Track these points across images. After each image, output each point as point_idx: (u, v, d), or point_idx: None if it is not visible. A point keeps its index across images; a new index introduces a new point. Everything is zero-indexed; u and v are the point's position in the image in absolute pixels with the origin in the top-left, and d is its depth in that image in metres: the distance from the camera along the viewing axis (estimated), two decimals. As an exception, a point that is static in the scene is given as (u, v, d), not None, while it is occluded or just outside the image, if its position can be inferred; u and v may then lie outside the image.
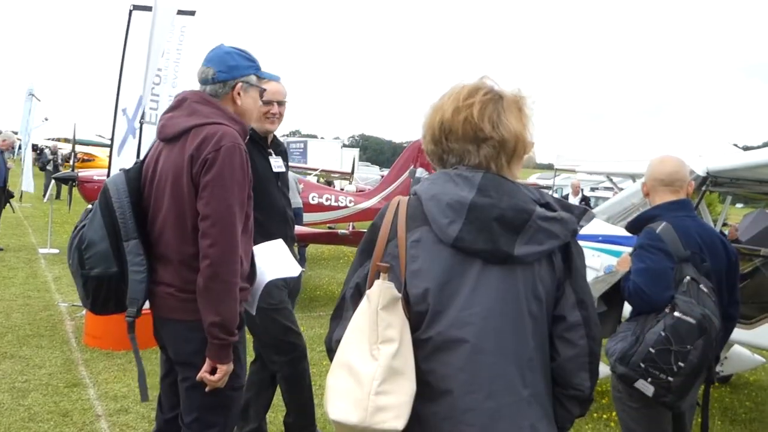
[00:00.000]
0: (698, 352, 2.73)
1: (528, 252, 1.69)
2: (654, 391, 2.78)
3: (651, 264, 2.90)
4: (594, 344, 1.79)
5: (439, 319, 1.68)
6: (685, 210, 3.09)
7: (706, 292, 2.85)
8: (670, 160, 3.21)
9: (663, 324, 2.78)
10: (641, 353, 2.79)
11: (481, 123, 1.72)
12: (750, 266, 6.17)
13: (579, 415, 1.86)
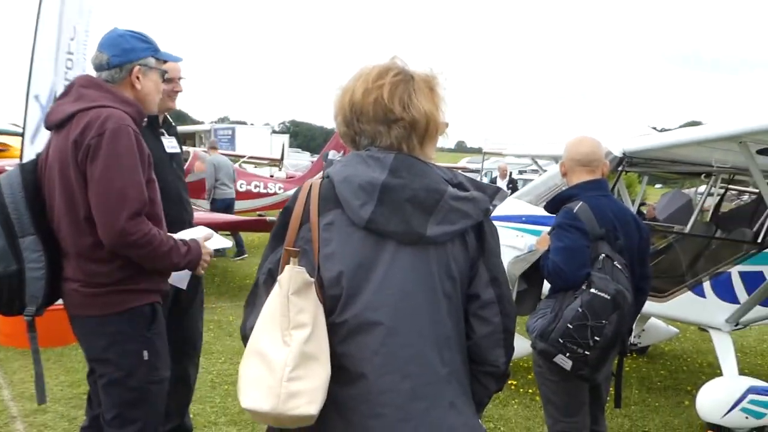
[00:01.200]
0: (612, 326, 2.84)
1: (440, 232, 1.69)
2: (572, 365, 2.87)
3: (568, 243, 2.99)
4: (508, 321, 1.82)
5: (353, 302, 1.67)
6: (600, 189, 3.19)
7: (620, 269, 2.96)
8: (586, 140, 3.30)
9: (580, 300, 2.88)
10: (560, 329, 2.88)
11: (392, 104, 1.71)
12: (665, 243, 6.43)
13: (496, 390, 1.89)
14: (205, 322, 6.70)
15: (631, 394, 5.67)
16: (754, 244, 5.39)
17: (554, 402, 3.20)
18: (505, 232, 5.17)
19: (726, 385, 4.89)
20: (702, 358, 7.06)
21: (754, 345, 7.96)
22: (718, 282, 5.37)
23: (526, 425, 4.72)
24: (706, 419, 4.84)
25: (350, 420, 1.65)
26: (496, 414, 4.92)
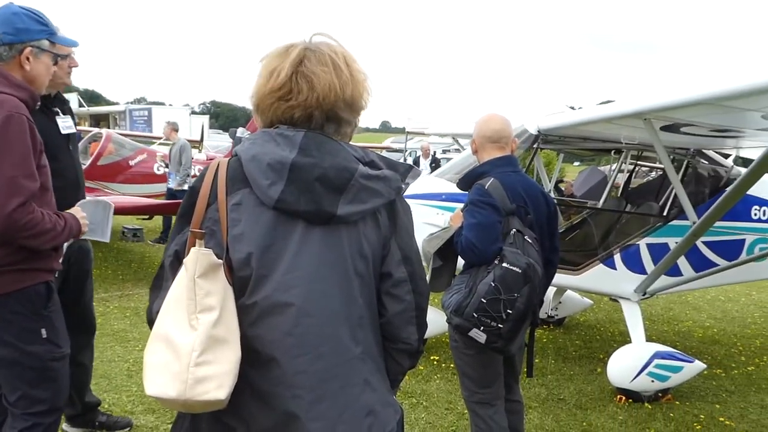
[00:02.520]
0: (524, 299, 2.92)
1: (352, 211, 1.67)
2: (486, 338, 2.94)
3: (481, 219, 3.04)
4: (420, 299, 1.83)
5: (263, 283, 1.63)
6: (510, 166, 3.25)
7: (530, 243, 3.04)
8: (496, 118, 3.36)
9: (493, 275, 2.94)
10: (474, 304, 2.94)
11: (300, 82, 1.68)
12: (579, 217, 6.67)
13: (409, 367, 1.91)
14: (122, 309, 6.56)
15: (548, 364, 5.89)
16: (661, 217, 5.65)
17: (470, 375, 3.27)
18: (425, 210, 5.23)
19: (634, 351, 5.15)
20: (614, 327, 7.39)
21: (662, 313, 8.41)
22: (627, 254, 5.63)
23: (448, 399, 4.82)
24: (616, 384, 5.10)
25: (267, 402, 1.63)
26: (418, 389, 5.01)
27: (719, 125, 4.40)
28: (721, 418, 4.88)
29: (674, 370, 5.10)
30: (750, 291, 10.27)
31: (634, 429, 4.57)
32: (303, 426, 1.61)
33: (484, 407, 3.28)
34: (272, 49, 1.75)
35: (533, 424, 4.51)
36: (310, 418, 1.62)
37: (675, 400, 5.15)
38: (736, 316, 8.63)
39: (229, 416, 1.64)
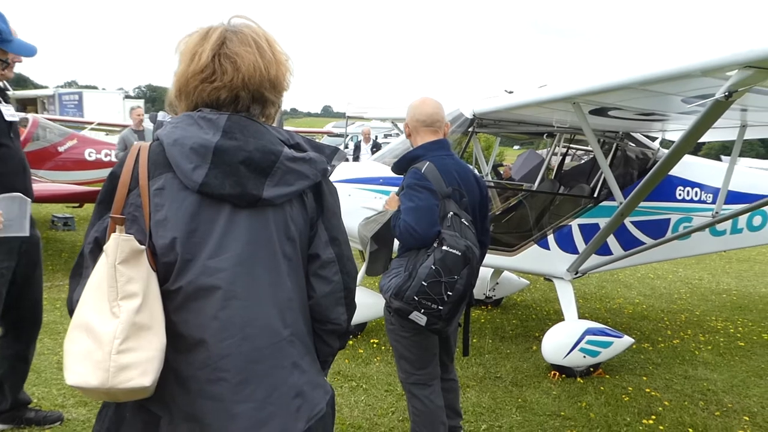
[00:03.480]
0: (464, 281, 2.97)
1: (277, 194, 1.67)
2: (426, 320, 2.98)
3: (419, 202, 3.07)
4: (348, 279, 1.85)
5: (188, 268, 1.61)
6: (444, 149, 3.28)
7: (467, 225, 3.09)
8: (429, 102, 3.38)
9: (433, 258, 2.97)
10: (415, 287, 2.96)
11: (224, 63, 1.66)
12: (515, 200, 6.80)
13: (339, 347, 1.92)
14: (52, 301, 6.34)
15: (485, 343, 6.01)
16: (591, 198, 5.82)
17: (406, 356, 3.31)
18: (363, 194, 5.25)
19: (566, 329, 5.32)
20: (549, 306, 7.60)
21: (594, 291, 8.70)
22: (560, 235, 5.79)
23: (388, 381, 4.87)
24: (550, 361, 5.25)
25: (190, 388, 1.62)
26: (358, 372, 5.04)
27: (644, 109, 4.55)
28: (648, 389, 5.10)
29: (604, 346, 5.29)
30: (677, 268, 10.72)
31: (566, 403, 4.72)
32: (229, 409, 1.61)
33: (421, 388, 3.33)
34: (188, 35, 1.73)
35: (470, 403, 4.60)
36: (236, 401, 1.61)
37: (605, 374, 5.35)
38: (663, 292, 9.00)
39: (153, 403, 1.62)
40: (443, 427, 3.35)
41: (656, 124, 5.80)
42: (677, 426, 4.44)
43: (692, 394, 5.08)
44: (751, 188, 6.21)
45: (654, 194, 5.84)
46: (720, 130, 5.64)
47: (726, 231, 6.52)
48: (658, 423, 4.46)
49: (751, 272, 11.04)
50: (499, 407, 4.58)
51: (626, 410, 4.65)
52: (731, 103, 3.20)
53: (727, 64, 2.94)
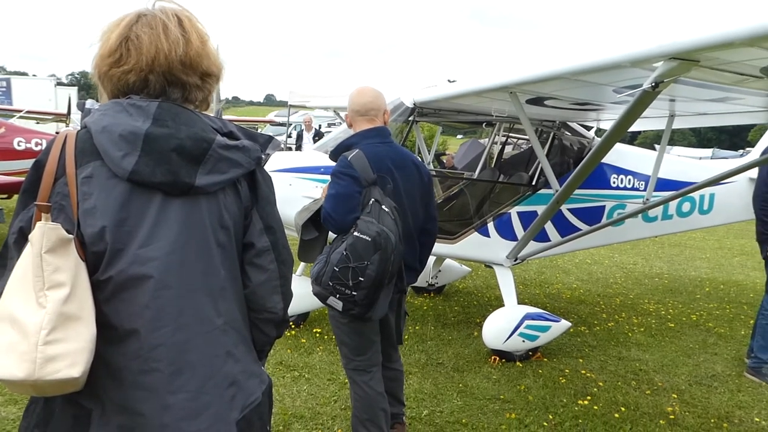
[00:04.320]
0: (375, 266, 2.99)
1: (210, 182, 1.65)
2: (342, 305, 3.02)
3: (339, 189, 3.09)
4: (284, 267, 1.85)
5: (119, 257, 1.58)
6: (379, 137, 3.30)
7: (387, 212, 3.10)
8: (366, 91, 3.39)
9: (345, 244, 3.00)
10: (329, 272, 3.00)
11: (129, 47, 1.63)
12: (457, 188, 6.88)
13: (276, 336, 1.92)
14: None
15: (428, 330, 6.09)
16: (530, 186, 5.95)
17: (346, 342, 3.34)
18: (305, 183, 5.22)
19: (506, 314, 5.44)
20: (491, 292, 7.75)
21: (534, 277, 8.92)
22: (500, 222, 5.90)
23: (331, 370, 4.88)
24: (490, 346, 5.36)
25: (122, 379, 1.59)
26: (301, 362, 5.04)
27: (578, 98, 4.67)
28: (583, 371, 5.27)
29: (543, 330, 5.43)
30: (613, 254, 11.08)
31: (506, 387, 4.84)
32: (162, 400, 1.59)
33: (361, 374, 3.35)
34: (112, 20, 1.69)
35: (413, 389, 4.66)
36: (170, 391, 1.59)
37: (544, 358, 5.50)
38: (600, 277, 9.30)
39: (83, 396, 1.58)
40: (383, 413, 3.39)
41: (591, 114, 5.95)
42: (610, 405, 4.61)
43: (625, 375, 5.28)
44: (680, 176, 6.46)
45: (589, 182, 6.01)
46: (650, 120, 5.83)
47: (657, 217, 6.77)
48: (593, 403, 4.61)
49: (682, 257, 11.51)
50: (441, 393, 4.66)
51: (563, 392, 4.80)
52: (658, 93, 3.31)
53: (654, 56, 3.05)
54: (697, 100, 4.35)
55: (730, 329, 6.86)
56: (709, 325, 6.96)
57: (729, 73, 3.14)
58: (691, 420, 4.46)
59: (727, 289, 9.00)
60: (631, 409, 4.56)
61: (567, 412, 4.43)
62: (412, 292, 7.52)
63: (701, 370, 5.51)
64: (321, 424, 4.05)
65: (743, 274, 10.23)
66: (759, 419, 4.55)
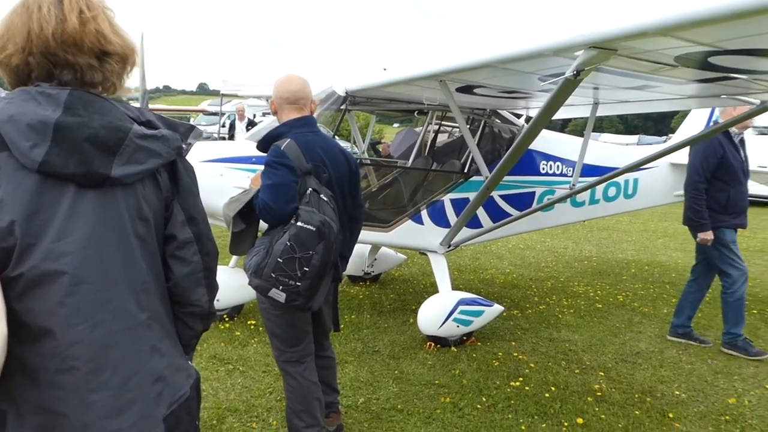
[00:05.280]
0: (319, 256, 2.99)
1: (127, 173, 1.60)
2: (286, 297, 2.99)
3: (276, 179, 3.06)
4: (209, 259, 1.82)
5: (30, 253, 1.52)
6: (308, 126, 3.28)
7: (326, 201, 3.10)
8: (294, 78, 3.36)
9: (288, 234, 2.98)
10: (271, 264, 2.96)
11: (4, 30, 1.58)
12: (390, 177, 6.91)
13: (203, 330, 1.90)
14: None
15: (363, 318, 6.12)
16: (462, 174, 6.03)
17: (278, 334, 3.32)
18: (235, 173, 5.14)
19: (440, 300, 5.51)
20: (426, 279, 7.84)
21: (469, 263, 9.07)
22: (433, 210, 5.96)
23: (266, 362, 4.84)
24: (425, 332, 5.43)
25: (38, 379, 1.53)
26: (235, 355, 4.98)
27: (506, 87, 4.75)
28: (516, 353, 5.40)
29: (476, 315, 5.54)
30: (545, 239, 11.38)
31: (441, 372, 4.91)
32: (83, 398, 1.54)
33: (294, 365, 3.34)
34: None
35: (349, 378, 4.68)
36: (91, 389, 1.55)
37: (478, 342, 5.61)
38: (532, 261, 9.53)
39: None
40: (318, 403, 3.39)
41: (520, 102, 6.07)
42: (541, 385, 4.75)
43: (555, 355, 5.44)
44: (605, 162, 6.67)
45: (520, 169, 6.14)
46: (576, 108, 6.00)
47: (585, 202, 6.99)
48: (525, 384, 4.74)
49: (610, 240, 11.93)
50: (377, 380, 4.69)
51: (496, 374, 4.91)
52: (580, 81, 3.41)
53: (574, 45, 3.13)
54: (619, 88, 4.50)
55: (653, 308, 7.16)
56: (634, 305, 7.25)
57: (645, 61, 3.26)
58: (617, 396, 4.64)
59: (651, 269, 9.38)
60: (561, 388, 4.71)
61: (500, 394, 4.54)
62: (348, 281, 7.53)
63: (627, 348, 5.73)
64: (256, 416, 4.02)
65: (666, 255, 10.68)
66: (679, 392, 4.78)
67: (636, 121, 77.15)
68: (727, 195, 5.59)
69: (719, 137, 5.52)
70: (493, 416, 4.20)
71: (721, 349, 5.75)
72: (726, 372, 5.26)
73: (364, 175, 6.89)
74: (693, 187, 5.59)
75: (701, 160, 5.55)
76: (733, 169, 5.58)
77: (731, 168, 5.57)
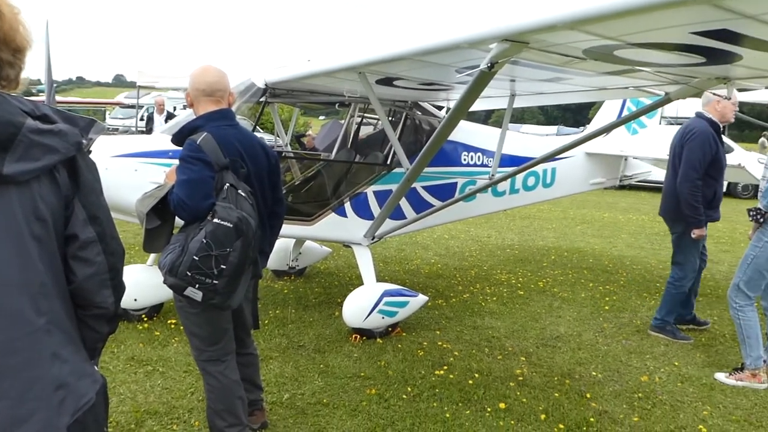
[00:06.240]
0: (237, 253, 2.92)
1: (20, 170, 1.53)
2: (202, 295, 2.91)
3: (191, 175, 2.97)
4: (113, 259, 1.76)
5: None
6: (226, 119, 3.20)
7: (244, 196, 3.04)
8: (210, 70, 3.26)
9: (204, 231, 2.90)
10: (187, 262, 2.88)
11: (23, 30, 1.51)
12: (314, 169, 6.86)
13: (109, 332, 1.84)
14: None
15: (288, 313, 6.06)
16: (385, 165, 6.05)
17: (197, 333, 3.23)
18: (151, 168, 4.98)
19: (365, 292, 5.52)
20: (352, 272, 7.83)
21: (394, 254, 9.13)
22: (357, 202, 5.96)
23: (187, 361, 4.71)
24: (350, 325, 5.43)
25: None
26: (154, 356, 4.83)
27: (425, 79, 4.79)
28: (440, 342, 5.48)
29: (401, 306, 5.58)
30: (469, 228, 11.59)
31: (367, 364, 4.92)
32: None
33: (215, 364, 3.27)
34: None
35: (274, 374, 4.62)
36: None
37: (403, 332, 5.66)
38: (456, 251, 9.69)
39: None
40: (240, 401, 3.33)
41: (441, 94, 6.13)
42: (466, 372, 4.83)
43: (479, 342, 5.55)
44: (524, 152, 6.84)
45: (442, 160, 6.23)
46: (495, 99, 6.11)
47: (506, 192, 7.15)
48: (449, 372, 4.82)
49: (531, 228, 12.27)
50: (302, 375, 4.66)
51: (421, 364, 4.96)
52: (494, 74, 3.47)
53: (488, 38, 3.18)
54: (534, 80, 4.61)
55: (572, 293, 7.42)
56: (554, 291, 7.48)
57: (556, 54, 3.34)
58: (537, 379, 4.78)
59: (570, 255, 9.71)
60: (484, 375, 4.81)
61: (425, 383, 4.60)
62: (272, 275, 7.44)
63: (547, 333, 5.92)
64: (177, 418, 3.92)
65: (584, 241, 11.08)
66: (596, 373, 4.97)
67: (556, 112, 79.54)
68: (714, 190, 5.68)
69: (711, 133, 5.54)
70: (418, 405, 4.24)
71: (649, 332, 6.02)
72: (639, 351, 5.51)
73: (287, 168, 6.81)
74: (691, 184, 5.51)
75: (699, 156, 5.49)
76: (722, 164, 5.67)
77: (721, 164, 5.64)
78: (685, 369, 5.14)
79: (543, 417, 4.15)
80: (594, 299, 7.18)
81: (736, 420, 4.28)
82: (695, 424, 4.18)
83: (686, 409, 4.41)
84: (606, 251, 10.21)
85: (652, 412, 4.34)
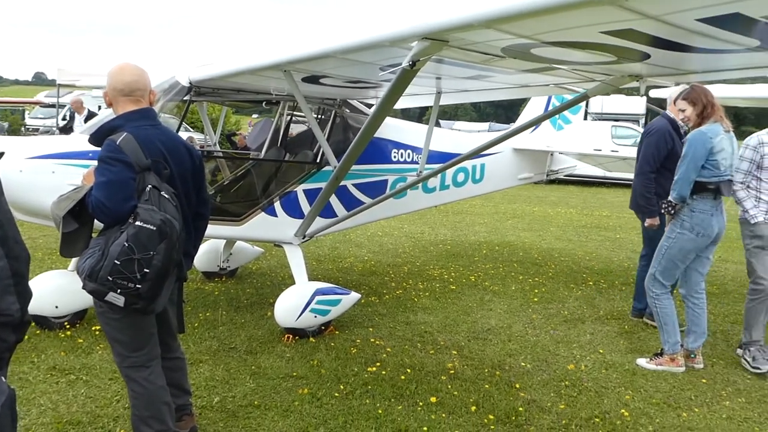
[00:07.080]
0: (161, 256, 2.86)
1: None
2: (125, 300, 2.83)
3: (111, 176, 2.88)
4: (17, 264, 1.69)
5: None
6: (147, 119, 3.11)
7: (167, 198, 2.97)
8: (128, 69, 3.17)
9: (126, 235, 2.82)
10: (107, 267, 2.80)
11: None
12: (243, 169, 6.76)
13: (16, 341, 1.76)
14: None
15: (219, 315, 5.96)
16: (315, 164, 6.02)
17: (120, 339, 3.13)
18: (69, 170, 4.82)
19: (297, 292, 5.49)
20: (285, 271, 7.75)
21: (328, 253, 9.11)
22: (287, 201, 5.92)
23: (112, 368, 4.55)
24: (283, 325, 5.39)
25: None
26: (77, 364, 4.66)
27: (350, 76, 4.79)
28: (373, 339, 5.51)
29: (333, 304, 5.57)
30: (402, 225, 11.68)
31: (299, 363, 4.90)
32: None
33: (139, 370, 3.18)
34: None
35: (204, 377, 4.54)
36: None
37: (336, 331, 5.65)
38: (390, 248, 9.75)
39: None
40: (167, 407, 3.25)
41: (370, 91, 6.14)
42: (398, 368, 4.87)
43: (412, 338, 5.61)
44: (452, 148, 6.93)
45: (372, 157, 6.25)
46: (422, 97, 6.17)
47: (436, 188, 7.23)
48: (382, 368, 4.84)
49: (464, 223, 12.47)
50: (233, 377, 4.59)
51: (354, 361, 4.97)
52: (417, 71, 3.51)
53: (408, 36, 3.21)
54: (458, 78, 4.68)
55: (503, 286, 7.58)
56: (485, 284, 7.63)
57: (476, 52, 3.41)
58: (469, 372, 4.87)
59: (501, 249, 9.92)
60: (417, 370, 4.86)
61: (357, 381, 4.61)
62: (202, 277, 7.30)
63: (478, 326, 6.03)
64: (101, 427, 3.79)
65: (515, 235, 11.34)
66: (525, 364, 5.10)
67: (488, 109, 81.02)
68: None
69: (668, 130, 5.83)
70: (351, 403, 4.25)
71: (630, 317, 6.41)
72: (566, 341, 5.68)
73: (215, 167, 6.70)
74: (644, 177, 5.86)
75: (653, 151, 5.83)
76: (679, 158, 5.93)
77: (677, 157, 5.85)
78: (609, 356, 5.34)
79: (474, 409, 4.23)
80: (524, 291, 7.37)
81: (656, 403, 4.48)
82: (618, 409, 4.35)
83: (610, 395, 4.58)
84: (536, 244, 10.48)
85: (578, 399, 4.49)
